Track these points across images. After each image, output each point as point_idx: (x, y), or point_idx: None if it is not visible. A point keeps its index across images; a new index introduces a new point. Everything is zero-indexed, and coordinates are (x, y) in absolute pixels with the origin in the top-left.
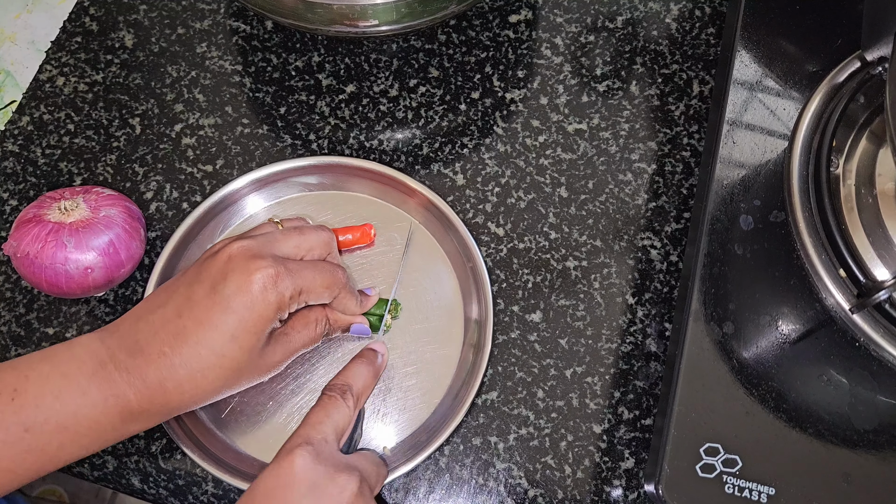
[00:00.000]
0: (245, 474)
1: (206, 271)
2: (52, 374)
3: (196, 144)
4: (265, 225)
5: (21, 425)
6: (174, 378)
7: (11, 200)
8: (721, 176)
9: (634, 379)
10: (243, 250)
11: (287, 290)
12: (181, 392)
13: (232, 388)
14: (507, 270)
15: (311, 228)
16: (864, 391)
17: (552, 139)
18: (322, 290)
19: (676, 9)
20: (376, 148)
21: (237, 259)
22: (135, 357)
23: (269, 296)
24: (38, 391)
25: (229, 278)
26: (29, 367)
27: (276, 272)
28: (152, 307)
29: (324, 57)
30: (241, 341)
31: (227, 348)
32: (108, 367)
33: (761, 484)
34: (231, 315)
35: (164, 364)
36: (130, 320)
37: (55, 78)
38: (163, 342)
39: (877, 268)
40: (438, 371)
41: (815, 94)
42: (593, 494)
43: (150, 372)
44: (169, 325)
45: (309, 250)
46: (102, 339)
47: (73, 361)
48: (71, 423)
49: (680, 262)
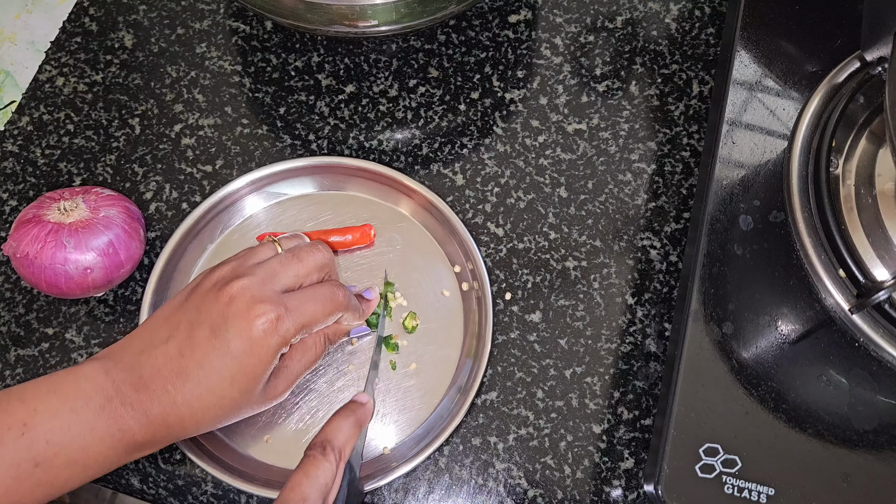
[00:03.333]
0: (245, 474)
1: (206, 311)
2: (62, 409)
3: (196, 145)
4: (263, 249)
5: (32, 461)
6: (176, 414)
7: (11, 201)
8: (721, 176)
9: (634, 379)
10: (243, 291)
11: (289, 332)
12: (183, 426)
13: (235, 419)
14: (506, 270)
15: (308, 251)
16: (863, 391)
17: (552, 139)
18: (324, 318)
19: (676, 9)
20: (376, 148)
21: (238, 302)
22: (139, 393)
23: (271, 340)
24: (48, 427)
25: (230, 323)
26: (37, 400)
27: (277, 315)
28: (155, 341)
29: (323, 57)
30: (240, 385)
31: (226, 391)
32: (115, 402)
33: (761, 484)
34: (231, 360)
35: (167, 401)
36: (133, 351)
37: (55, 78)
38: (166, 380)
39: (876, 268)
40: (438, 371)
41: (815, 94)
42: (593, 495)
43: (153, 408)
44: (171, 363)
45: (307, 276)
46: (107, 371)
47: (80, 396)
48: (80, 458)
49: (679, 263)
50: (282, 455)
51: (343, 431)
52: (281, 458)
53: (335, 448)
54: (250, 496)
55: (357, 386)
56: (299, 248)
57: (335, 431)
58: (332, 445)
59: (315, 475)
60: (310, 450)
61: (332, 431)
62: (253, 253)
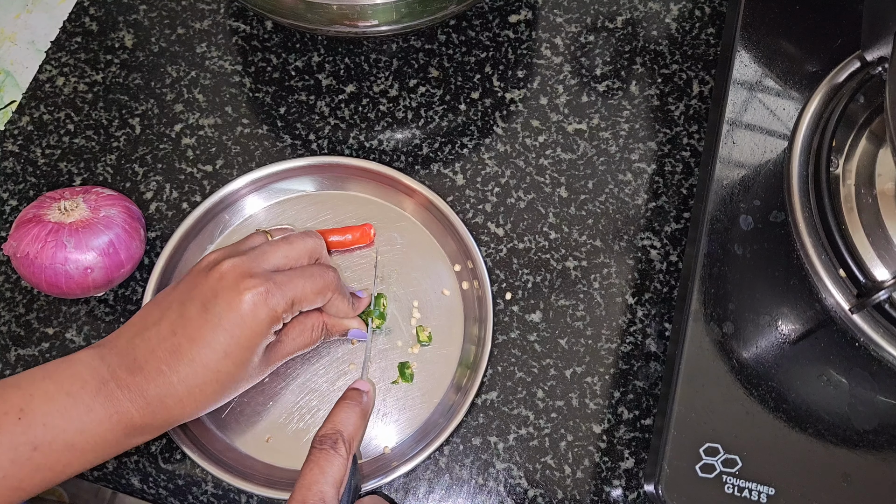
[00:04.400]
0: (245, 474)
1: (198, 289)
2: (57, 393)
3: (196, 144)
4: (254, 237)
5: (30, 445)
6: (174, 395)
7: (11, 200)
8: (721, 176)
9: (634, 379)
10: (233, 268)
11: (279, 305)
12: (182, 406)
13: (232, 395)
14: (506, 270)
15: (298, 237)
16: (863, 391)
17: (552, 139)
18: (314, 296)
19: (676, 9)
20: (376, 148)
21: (228, 277)
22: (134, 375)
23: (260, 313)
24: (44, 410)
25: (220, 296)
26: (33, 386)
27: (266, 289)
28: (147, 324)
29: (324, 57)
30: (234, 357)
31: (221, 364)
32: (110, 385)
33: (761, 484)
34: (222, 333)
35: (163, 381)
36: (127, 336)
37: (55, 78)
38: (160, 360)
39: (876, 268)
40: (438, 371)
41: (815, 94)
42: (593, 494)
43: (150, 389)
44: (164, 342)
45: (297, 259)
46: (102, 357)
47: (76, 380)
48: (78, 441)
49: (680, 262)
50: (282, 454)
51: (351, 422)
52: (282, 457)
53: (346, 440)
54: (250, 496)
55: None
56: (290, 234)
57: (344, 423)
58: (342, 438)
59: (329, 471)
60: (320, 444)
61: (341, 423)
62: (245, 241)
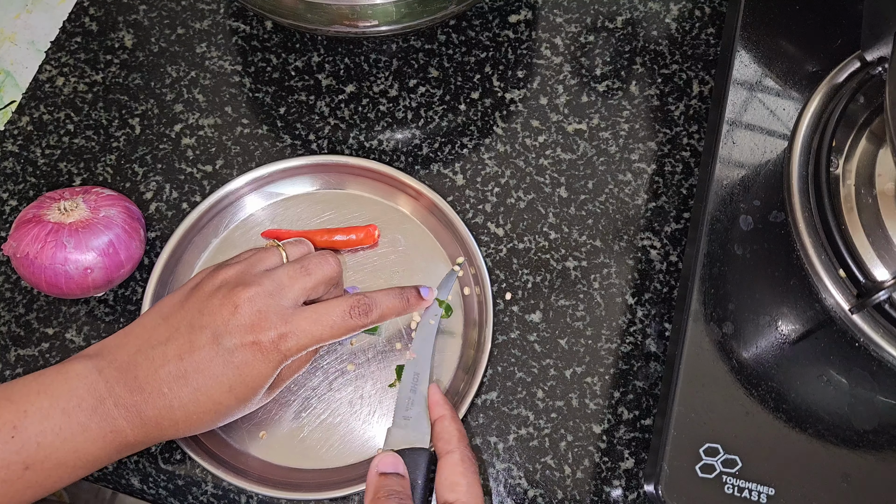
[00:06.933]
0: (245, 474)
1: (210, 316)
2: (52, 410)
3: (196, 144)
4: (269, 254)
5: (22, 464)
6: (171, 417)
7: (11, 200)
8: (721, 176)
9: (634, 379)
10: (250, 303)
11: (291, 351)
12: (176, 428)
13: (225, 422)
14: (506, 270)
15: (317, 264)
16: (863, 391)
17: (552, 139)
18: (327, 341)
19: (676, 9)
20: (376, 148)
21: (243, 313)
22: (134, 394)
23: (273, 357)
24: (39, 429)
25: (234, 334)
26: (26, 401)
27: (281, 334)
28: (153, 342)
29: (323, 57)
30: (237, 393)
31: (223, 398)
32: (108, 404)
33: (761, 484)
34: (231, 370)
35: (163, 404)
36: (128, 350)
37: (55, 78)
38: (162, 382)
39: (876, 268)
40: (439, 371)
41: (815, 94)
42: (593, 495)
43: (148, 410)
44: (169, 364)
45: (315, 289)
46: (100, 370)
47: (72, 396)
48: (70, 459)
49: (680, 263)
50: (276, 451)
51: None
52: (275, 454)
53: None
54: (250, 496)
55: (356, 385)
56: (308, 259)
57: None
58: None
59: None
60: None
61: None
62: (259, 258)
